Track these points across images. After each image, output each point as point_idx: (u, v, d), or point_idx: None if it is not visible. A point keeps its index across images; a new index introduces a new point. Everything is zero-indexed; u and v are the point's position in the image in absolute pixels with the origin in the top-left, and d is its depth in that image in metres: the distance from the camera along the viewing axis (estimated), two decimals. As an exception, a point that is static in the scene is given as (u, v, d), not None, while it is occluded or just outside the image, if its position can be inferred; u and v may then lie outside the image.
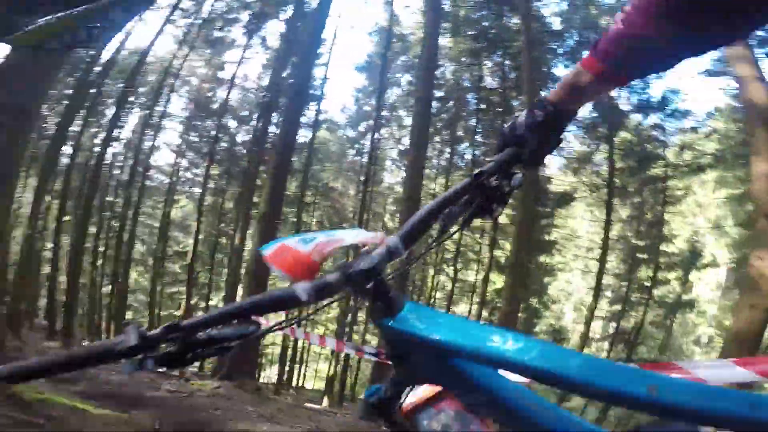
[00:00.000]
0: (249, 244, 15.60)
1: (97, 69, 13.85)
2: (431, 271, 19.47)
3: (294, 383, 20.44)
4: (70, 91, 13.93)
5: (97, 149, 18.08)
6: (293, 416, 6.55)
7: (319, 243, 0.53)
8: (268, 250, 0.55)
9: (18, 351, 7.98)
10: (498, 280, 16.34)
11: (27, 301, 12.08)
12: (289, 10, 15.77)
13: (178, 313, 19.05)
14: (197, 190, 24.82)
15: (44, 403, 3.49)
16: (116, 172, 23.09)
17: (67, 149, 17.47)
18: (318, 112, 18.34)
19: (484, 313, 16.25)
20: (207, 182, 20.92)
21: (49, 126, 15.12)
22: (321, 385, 19.87)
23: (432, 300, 18.83)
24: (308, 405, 9.75)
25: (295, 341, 16.77)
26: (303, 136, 16.82)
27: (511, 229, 12.62)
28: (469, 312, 17.76)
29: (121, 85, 16.03)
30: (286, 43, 14.74)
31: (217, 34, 17.42)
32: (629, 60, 0.60)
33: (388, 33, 17.07)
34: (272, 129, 16.65)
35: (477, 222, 0.71)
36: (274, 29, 19.90)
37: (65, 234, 17.74)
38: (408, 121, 16.89)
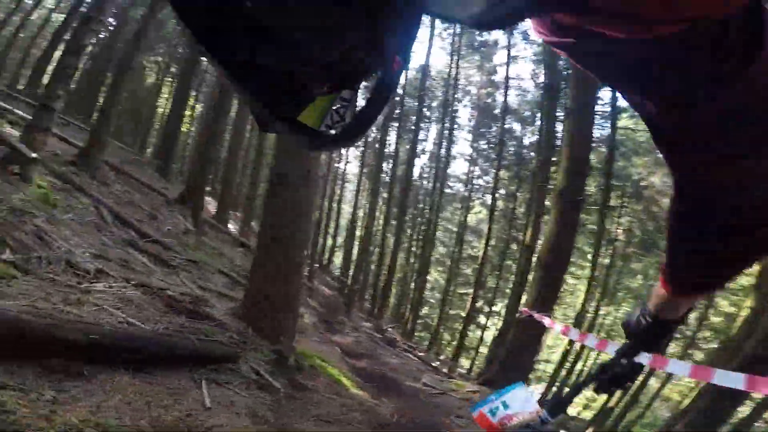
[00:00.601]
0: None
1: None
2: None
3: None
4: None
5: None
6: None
7: (503, 416, 0.83)
8: (476, 412, 0.87)
9: (341, 324, 10.18)
10: None
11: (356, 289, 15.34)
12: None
13: (464, 313, 19.97)
14: (489, 197, 25.85)
15: (315, 370, 4.02)
16: (424, 182, 26.93)
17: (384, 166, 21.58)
18: (614, 98, 15.55)
19: None
20: (497, 188, 21.15)
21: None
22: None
23: None
24: None
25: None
26: (599, 127, 14.52)
27: None
28: None
29: (415, 102, 18.11)
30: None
31: (478, 38, 17.37)
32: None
33: None
34: (559, 127, 15.19)
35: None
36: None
37: (390, 235, 21.46)
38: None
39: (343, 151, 28.43)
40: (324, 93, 0.41)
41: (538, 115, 17.71)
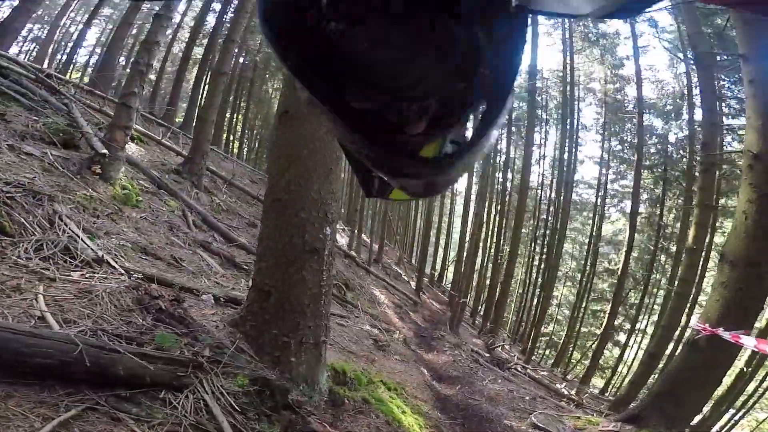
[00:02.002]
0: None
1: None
2: None
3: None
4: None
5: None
6: None
7: None
8: None
9: (439, 340, 9.10)
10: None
11: (462, 302, 14.01)
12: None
13: (598, 331, 17.05)
14: (628, 203, 22.34)
15: (362, 403, 3.14)
16: (545, 190, 24.39)
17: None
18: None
19: None
20: (638, 192, 17.96)
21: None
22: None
23: None
24: None
25: None
26: None
27: None
28: None
29: (524, 104, 16.30)
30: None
31: (594, 30, 14.72)
32: None
33: None
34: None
35: None
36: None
37: (506, 247, 19.77)
38: None
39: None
40: (426, 136, 0.37)
41: (684, 107, 14.49)
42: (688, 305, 10.29)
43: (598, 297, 22.28)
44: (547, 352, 23.27)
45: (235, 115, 21.43)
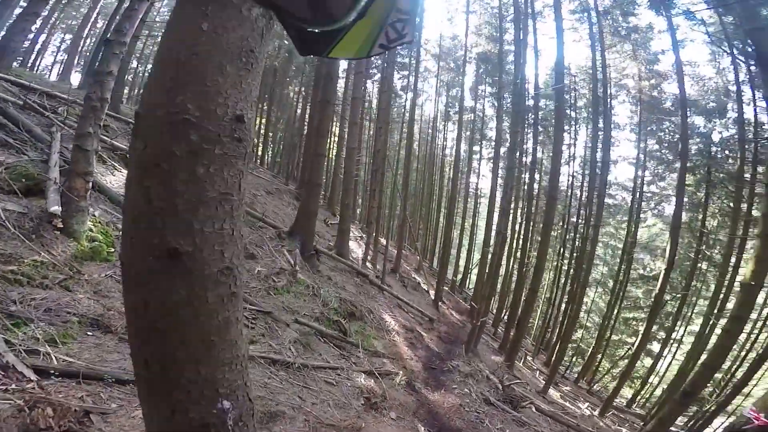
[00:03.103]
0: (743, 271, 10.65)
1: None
2: None
3: None
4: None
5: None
6: None
7: None
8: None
9: (450, 373, 8.41)
10: None
11: (481, 311, 13.18)
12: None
13: (630, 339, 15.88)
14: (667, 207, 20.85)
15: None
16: (576, 192, 23.01)
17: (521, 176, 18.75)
18: None
19: None
20: (682, 195, 16.60)
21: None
22: None
23: None
24: None
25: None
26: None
27: None
28: None
29: (550, 102, 15.10)
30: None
31: (624, 24, 13.27)
32: None
33: None
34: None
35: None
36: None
37: (533, 252, 18.81)
38: None
39: (477, 165, 26.47)
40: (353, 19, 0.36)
41: (730, 105, 13.02)
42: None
43: (631, 305, 20.96)
44: (574, 359, 22.20)
45: (258, 119, 21.23)
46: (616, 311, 19.36)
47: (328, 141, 22.56)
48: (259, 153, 21.47)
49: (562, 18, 11.42)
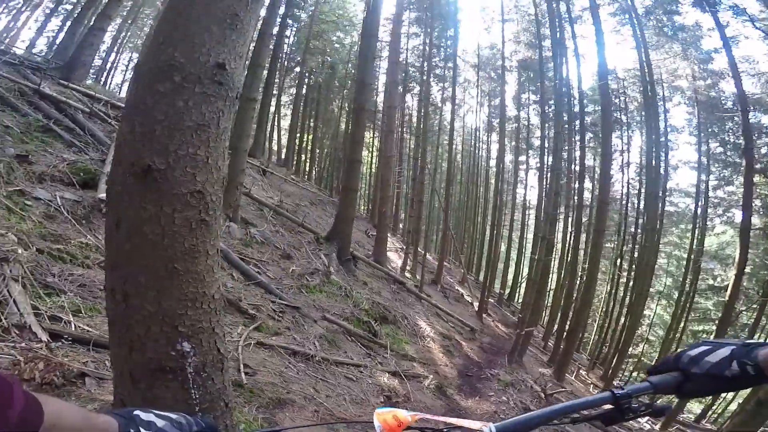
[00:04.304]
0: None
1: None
2: None
3: None
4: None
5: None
6: None
7: (423, 417, 0.69)
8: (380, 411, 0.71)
9: (488, 381, 7.95)
10: None
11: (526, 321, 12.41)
12: None
13: None
14: (737, 213, 18.88)
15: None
16: (632, 200, 21.54)
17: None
18: None
19: None
20: (749, 197, 15.07)
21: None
22: None
23: None
24: None
25: None
26: None
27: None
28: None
29: (597, 107, 14.32)
30: None
31: (668, 24, 12.30)
32: None
33: None
34: None
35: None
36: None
37: (584, 264, 17.76)
38: None
39: (524, 175, 25.55)
40: None
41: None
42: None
43: (699, 317, 19.05)
44: (635, 374, 20.35)
45: (305, 135, 22.04)
46: (682, 324, 17.67)
47: (369, 152, 22.92)
48: (307, 168, 22.19)
49: (601, 21, 10.93)
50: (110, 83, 21.67)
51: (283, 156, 20.44)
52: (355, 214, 10.84)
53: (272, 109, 18.79)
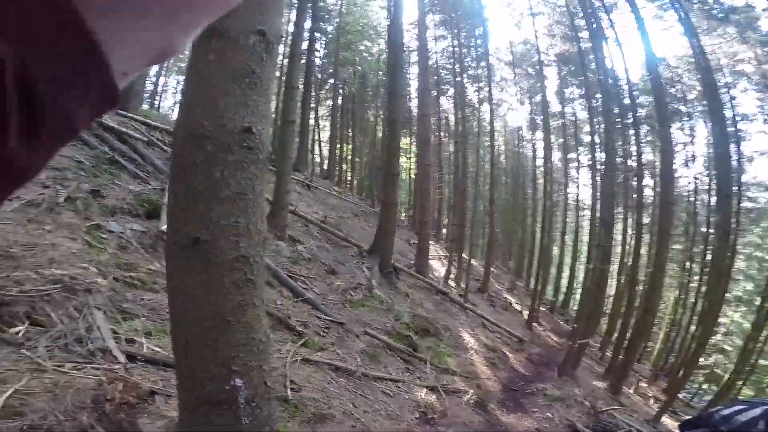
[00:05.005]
0: None
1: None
2: None
3: None
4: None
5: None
6: None
7: None
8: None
9: (534, 396, 7.92)
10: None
11: (582, 331, 12.04)
12: None
13: None
14: None
15: None
16: (702, 197, 20.18)
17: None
18: None
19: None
20: None
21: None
22: None
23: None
24: None
25: None
26: None
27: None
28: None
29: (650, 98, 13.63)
30: None
31: (716, 6, 11.39)
32: None
33: None
34: None
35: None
36: None
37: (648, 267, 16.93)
38: None
39: (576, 174, 24.62)
40: None
41: None
42: None
43: (787, 325, 17.44)
44: (707, 386, 18.93)
45: (345, 145, 22.74)
46: (765, 332, 16.28)
47: (408, 159, 23.17)
48: (348, 178, 22.87)
49: (639, 7, 10.54)
50: (162, 106, 23.59)
51: (325, 167, 21.26)
52: (396, 225, 11.16)
53: (311, 122, 19.65)
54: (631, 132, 17.07)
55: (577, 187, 25.14)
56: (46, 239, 3.99)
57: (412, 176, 20.28)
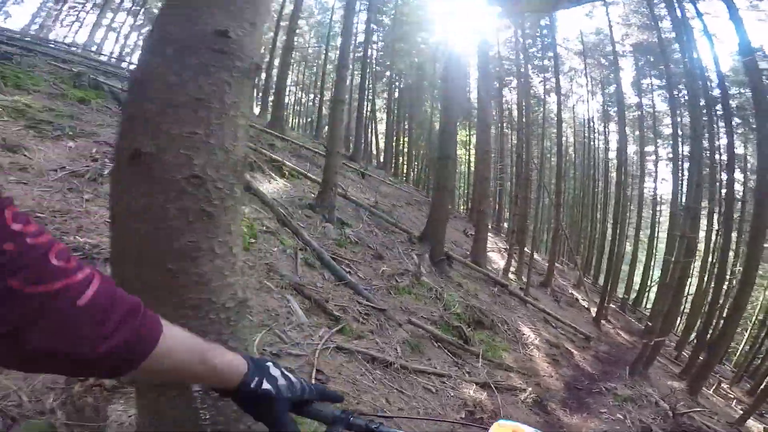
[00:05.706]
0: None
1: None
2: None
3: None
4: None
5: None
6: None
7: None
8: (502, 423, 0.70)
9: (601, 395, 6.75)
10: None
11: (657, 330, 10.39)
12: None
13: None
14: None
15: None
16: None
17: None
18: None
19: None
20: None
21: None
22: None
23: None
24: None
25: None
26: None
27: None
28: None
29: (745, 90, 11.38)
30: None
31: None
32: None
33: None
34: None
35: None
36: None
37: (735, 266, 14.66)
38: None
39: (654, 168, 21.85)
40: None
41: None
42: None
43: None
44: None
45: (401, 137, 22.09)
46: None
47: (467, 150, 21.94)
48: (404, 169, 22.23)
49: None
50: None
51: (381, 159, 20.77)
52: (452, 213, 10.35)
53: (368, 114, 19.21)
54: (721, 124, 14.90)
55: (654, 180, 22.42)
56: (81, 207, 3.83)
57: (471, 167, 19.17)
